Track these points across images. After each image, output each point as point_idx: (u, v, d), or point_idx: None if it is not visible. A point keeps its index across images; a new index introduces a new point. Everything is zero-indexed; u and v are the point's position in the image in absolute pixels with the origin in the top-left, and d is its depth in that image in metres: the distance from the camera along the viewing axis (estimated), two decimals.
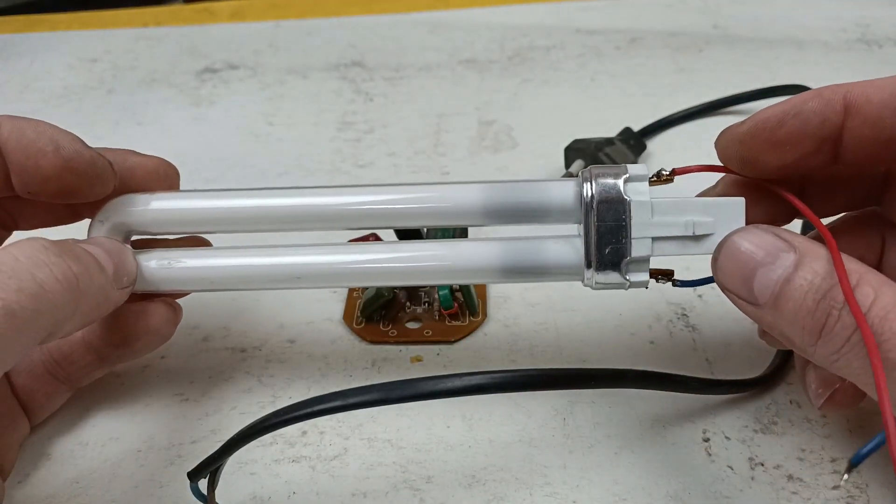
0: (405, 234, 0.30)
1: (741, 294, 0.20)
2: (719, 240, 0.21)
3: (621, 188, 0.22)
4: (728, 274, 0.20)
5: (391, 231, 0.29)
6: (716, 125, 0.43)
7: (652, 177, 0.23)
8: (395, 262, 0.25)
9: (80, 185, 0.24)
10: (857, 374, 0.18)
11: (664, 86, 0.47)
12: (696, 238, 0.22)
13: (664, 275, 0.23)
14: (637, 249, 0.22)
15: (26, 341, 0.19)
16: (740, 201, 0.22)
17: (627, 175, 0.22)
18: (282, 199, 0.25)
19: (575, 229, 0.24)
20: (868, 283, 0.18)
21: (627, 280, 0.23)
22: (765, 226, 0.20)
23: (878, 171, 0.24)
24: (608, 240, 0.22)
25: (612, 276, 0.23)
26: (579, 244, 0.23)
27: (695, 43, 0.52)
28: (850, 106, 0.21)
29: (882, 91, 0.20)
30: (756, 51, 0.50)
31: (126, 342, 0.25)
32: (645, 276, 0.23)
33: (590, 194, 0.22)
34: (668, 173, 0.23)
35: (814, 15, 0.54)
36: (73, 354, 0.25)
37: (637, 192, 0.22)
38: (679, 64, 0.49)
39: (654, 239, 0.22)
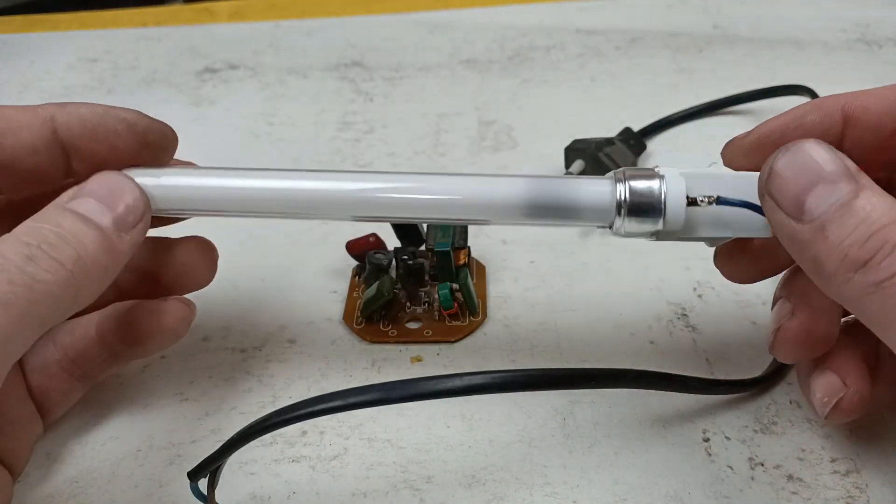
0: (402, 229, 0.30)
1: (788, 205, 0.19)
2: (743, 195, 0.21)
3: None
4: (785, 179, 0.19)
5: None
6: (716, 125, 0.43)
7: None
8: (405, 192, 0.23)
9: (151, 156, 0.23)
10: (889, 314, 0.17)
11: (664, 86, 0.47)
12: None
13: (705, 197, 0.22)
14: (667, 171, 0.22)
15: (28, 332, 0.19)
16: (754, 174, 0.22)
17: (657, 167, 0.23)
18: (293, 182, 0.24)
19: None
20: None
21: (662, 191, 0.21)
22: (829, 145, 0.20)
23: (882, 178, 0.24)
24: (634, 170, 0.22)
25: (642, 222, 0.22)
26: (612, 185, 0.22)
27: (695, 43, 0.52)
28: (849, 117, 0.21)
29: (880, 101, 0.21)
30: (756, 51, 0.50)
31: (139, 341, 0.25)
32: (681, 185, 0.21)
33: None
34: None
35: (814, 15, 0.54)
36: (88, 351, 0.25)
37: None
38: (679, 64, 0.49)
39: (682, 172, 0.22)
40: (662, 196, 0.21)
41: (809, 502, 0.23)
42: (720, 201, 0.22)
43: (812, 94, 0.42)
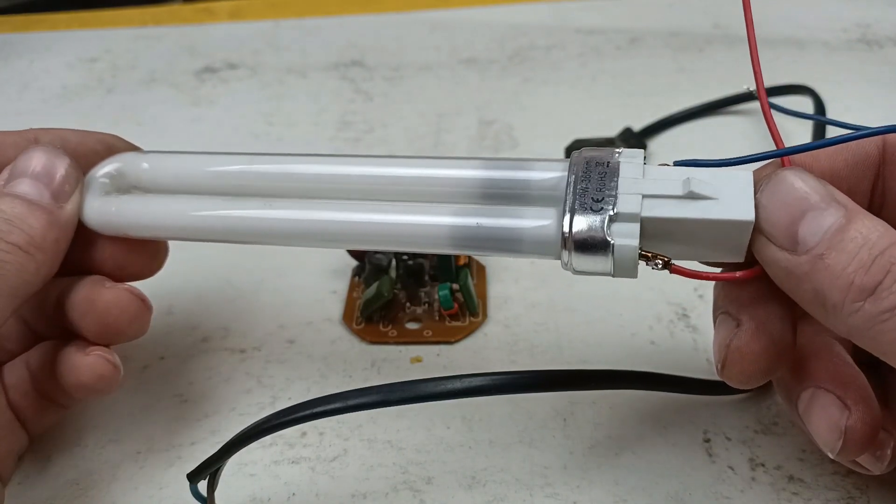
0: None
1: (780, 237, 0.18)
2: (721, 207, 0.19)
3: (611, 154, 0.20)
4: (772, 211, 0.18)
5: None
6: (717, 125, 0.43)
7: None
8: (330, 222, 0.23)
9: None
10: None
11: (665, 85, 0.47)
12: (694, 198, 0.19)
13: (659, 258, 0.20)
14: (624, 204, 0.19)
15: (3, 301, 0.21)
16: (747, 175, 0.19)
17: (620, 151, 0.21)
18: (262, 167, 0.24)
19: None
20: None
21: (611, 241, 0.19)
22: (808, 172, 0.19)
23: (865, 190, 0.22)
24: (589, 187, 0.19)
25: (594, 259, 0.19)
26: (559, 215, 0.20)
27: (695, 43, 0.52)
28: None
29: (820, 161, 0.20)
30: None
31: (65, 390, 0.24)
32: (633, 241, 0.19)
33: (575, 158, 0.21)
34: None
35: (814, 15, 0.54)
36: (53, 378, 0.24)
37: (628, 156, 0.20)
38: (680, 63, 0.49)
39: (645, 196, 0.19)
40: (611, 266, 0.20)
41: (810, 503, 0.23)
42: (674, 270, 0.20)
43: (813, 93, 0.42)
